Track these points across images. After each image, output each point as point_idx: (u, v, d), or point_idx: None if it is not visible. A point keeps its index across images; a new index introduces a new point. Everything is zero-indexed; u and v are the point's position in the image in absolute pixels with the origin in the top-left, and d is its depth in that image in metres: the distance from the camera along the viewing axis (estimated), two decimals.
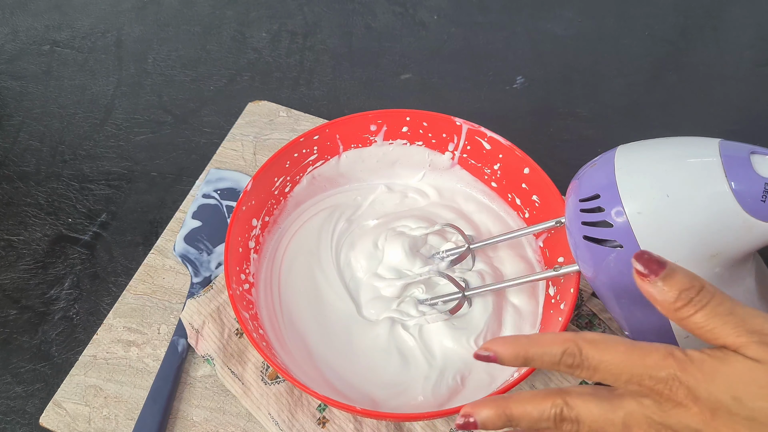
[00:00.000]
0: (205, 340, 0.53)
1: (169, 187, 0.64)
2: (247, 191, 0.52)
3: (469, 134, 0.56)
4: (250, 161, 0.65)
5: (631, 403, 0.32)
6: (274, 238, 0.57)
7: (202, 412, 0.51)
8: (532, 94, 0.72)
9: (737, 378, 0.30)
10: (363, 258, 0.55)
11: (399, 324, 0.52)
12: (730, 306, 0.32)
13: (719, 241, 0.38)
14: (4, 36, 0.77)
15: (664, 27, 0.77)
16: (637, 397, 0.32)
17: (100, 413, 0.51)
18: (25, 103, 0.71)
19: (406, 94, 0.72)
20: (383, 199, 0.60)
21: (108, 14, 0.79)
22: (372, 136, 0.58)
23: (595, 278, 0.43)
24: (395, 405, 0.48)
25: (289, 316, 0.53)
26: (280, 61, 0.75)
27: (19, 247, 0.60)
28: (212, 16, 0.79)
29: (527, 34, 0.77)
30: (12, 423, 0.52)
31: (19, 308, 0.57)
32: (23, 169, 0.66)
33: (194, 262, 0.58)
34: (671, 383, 0.31)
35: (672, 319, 0.33)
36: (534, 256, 0.56)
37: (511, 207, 0.57)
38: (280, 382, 0.51)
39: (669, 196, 0.38)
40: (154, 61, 0.74)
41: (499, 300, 0.52)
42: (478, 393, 0.48)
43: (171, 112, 0.70)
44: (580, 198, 0.42)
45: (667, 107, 0.71)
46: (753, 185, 0.37)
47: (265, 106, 0.69)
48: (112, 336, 0.55)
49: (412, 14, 0.79)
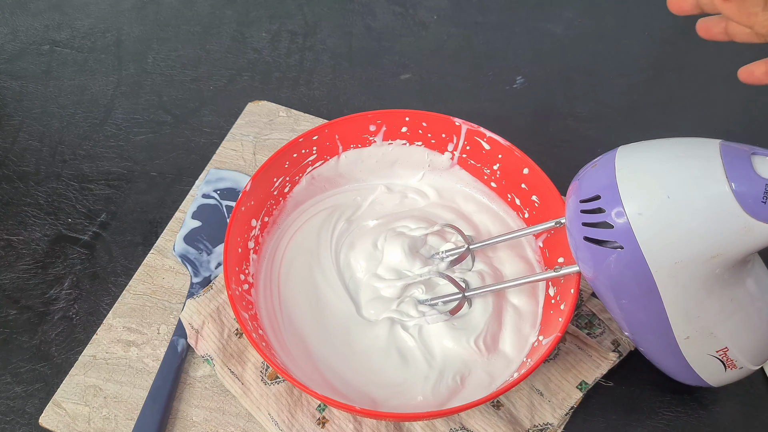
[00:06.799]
0: (205, 340, 0.53)
1: (168, 187, 0.64)
2: (246, 192, 0.52)
3: (468, 134, 0.56)
4: (250, 161, 0.65)
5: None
6: (273, 238, 0.57)
7: (201, 412, 0.51)
8: (532, 94, 0.72)
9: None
10: (363, 258, 0.55)
11: (399, 324, 0.52)
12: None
13: (720, 242, 0.38)
14: (4, 36, 0.77)
15: (664, 27, 0.77)
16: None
17: (100, 413, 0.51)
18: (25, 103, 0.71)
19: (405, 94, 0.72)
20: (383, 199, 0.60)
21: (108, 14, 0.79)
22: (371, 136, 0.58)
23: (596, 279, 0.43)
24: (395, 405, 0.48)
25: (288, 317, 0.53)
26: (280, 61, 0.74)
27: (19, 247, 0.60)
28: (212, 16, 0.79)
29: (527, 34, 0.77)
30: (12, 423, 0.52)
31: (19, 308, 0.57)
32: (23, 168, 0.66)
33: (194, 262, 0.58)
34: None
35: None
36: (534, 256, 0.56)
37: (511, 207, 0.57)
38: (279, 383, 0.51)
39: (670, 197, 0.38)
40: (153, 61, 0.74)
41: (499, 300, 0.52)
42: (477, 393, 0.48)
43: (171, 112, 0.70)
44: (581, 199, 0.42)
45: (667, 107, 0.71)
46: (753, 186, 0.36)
47: (265, 106, 0.69)
48: (112, 336, 0.55)
49: (412, 14, 0.79)
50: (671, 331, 0.43)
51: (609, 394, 0.52)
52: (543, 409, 0.50)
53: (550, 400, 0.51)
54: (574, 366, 0.52)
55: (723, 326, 0.42)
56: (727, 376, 0.46)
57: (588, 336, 0.53)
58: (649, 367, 0.50)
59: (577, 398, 0.51)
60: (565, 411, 0.50)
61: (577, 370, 0.52)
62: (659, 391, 0.52)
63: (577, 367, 0.52)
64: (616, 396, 0.52)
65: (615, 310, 0.45)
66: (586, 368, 0.52)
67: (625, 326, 0.46)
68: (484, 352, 0.50)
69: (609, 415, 0.51)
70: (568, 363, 0.52)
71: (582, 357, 0.52)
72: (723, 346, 0.43)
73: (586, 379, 0.51)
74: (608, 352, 0.52)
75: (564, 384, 0.51)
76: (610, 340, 0.54)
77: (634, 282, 0.41)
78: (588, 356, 0.52)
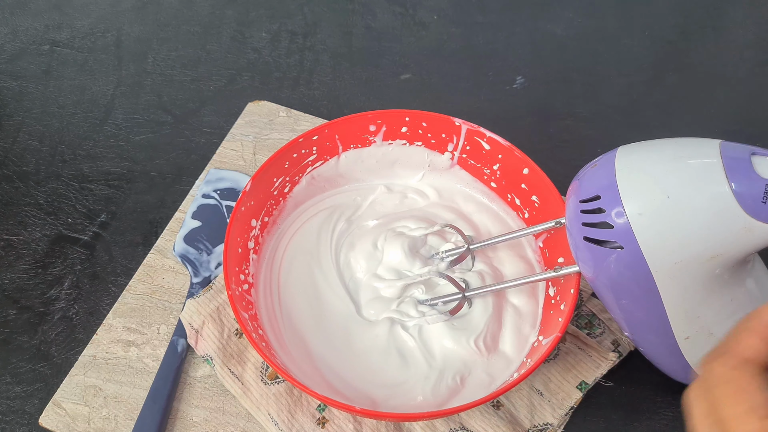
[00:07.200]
0: (205, 341, 0.53)
1: (168, 187, 0.64)
2: (246, 192, 0.52)
3: (468, 134, 0.56)
4: (250, 161, 0.65)
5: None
6: (273, 238, 0.57)
7: (201, 412, 0.51)
8: (532, 94, 0.72)
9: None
10: (362, 258, 0.55)
11: (398, 324, 0.52)
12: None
13: (720, 242, 0.38)
14: (4, 36, 0.77)
15: (664, 27, 0.77)
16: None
17: (100, 413, 0.51)
18: (25, 103, 0.71)
19: (405, 94, 0.72)
20: (383, 199, 0.60)
21: (108, 14, 0.79)
22: (371, 136, 0.58)
23: (596, 279, 0.43)
24: (395, 405, 0.48)
25: (288, 317, 0.53)
26: (280, 61, 0.74)
27: (19, 247, 0.60)
28: (212, 16, 0.79)
29: (527, 34, 0.77)
30: (12, 423, 0.52)
31: (19, 308, 0.57)
32: (23, 168, 0.66)
33: (194, 262, 0.58)
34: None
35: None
36: (534, 256, 0.56)
37: (511, 207, 0.57)
38: (279, 383, 0.51)
39: (670, 197, 0.38)
40: (153, 61, 0.74)
41: (499, 300, 0.52)
42: (477, 393, 0.48)
43: (171, 112, 0.70)
44: (581, 199, 0.42)
45: (667, 107, 0.71)
46: (753, 186, 0.37)
47: (265, 106, 0.69)
48: (112, 336, 0.55)
49: (412, 14, 0.79)
50: (671, 331, 0.43)
51: (609, 394, 0.52)
52: (543, 409, 0.50)
53: (550, 400, 0.51)
54: (574, 366, 0.52)
55: (723, 326, 0.42)
56: None
57: (588, 336, 0.53)
58: (649, 367, 0.50)
59: (577, 398, 0.51)
60: (565, 411, 0.50)
61: (577, 370, 0.52)
62: (659, 391, 0.52)
63: (577, 367, 0.52)
64: (616, 396, 0.52)
65: (615, 310, 0.45)
66: (586, 368, 0.52)
67: (625, 326, 0.46)
68: (484, 352, 0.50)
69: (609, 415, 0.51)
70: (568, 363, 0.52)
71: (582, 357, 0.52)
72: None
73: (586, 379, 0.51)
74: (608, 352, 0.52)
75: (564, 384, 0.51)
76: (610, 340, 0.54)
77: (634, 282, 0.41)
78: (588, 356, 0.52)
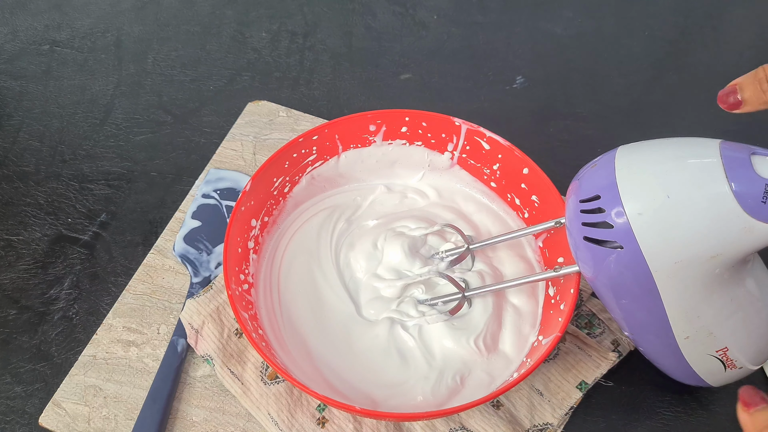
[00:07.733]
0: (205, 340, 0.53)
1: (168, 187, 0.64)
2: (246, 192, 0.52)
3: (468, 134, 0.56)
4: (250, 161, 0.65)
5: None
6: (273, 238, 0.57)
7: (201, 412, 0.51)
8: (531, 94, 0.72)
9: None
10: (362, 258, 0.55)
11: (398, 324, 0.52)
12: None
13: (720, 242, 0.38)
14: (4, 36, 0.77)
15: (664, 27, 0.77)
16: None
17: (100, 413, 0.51)
18: (25, 103, 0.71)
19: (405, 94, 0.72)
20: (382, 199, 0.60)
21: (108, 14, 0.79)
22: (371, 136, 0.58)
23: (595, 279, 0.43)
24: (395, 405, 0.48)
25: (288, 317, 0.53)
26: (279, 61, 0.74)
27: (19, 247, 0.60)
28: (212, 16, 0.79)
29: (527, 34, 0.77)
30: (11, 423, 0.52)
31: (19, 308, 0.57)
32: (23, 168, 0.66)
33: (194, 262, 0.58)
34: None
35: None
36: (534, 256, 0.56)
37: (511, 207, 0.57)
38: (279, 382, 0.51)
39: (670, 197, 0.38)
40: (153, 61, 0.74)
41: (499, 300, 0.52)
42: (477, 393, 0.48)
43: (171, 112, 0.70)
44: (581, 199, 0.42)
45: (667, 107, 0.71)
46: (753, 186, 0.36)
47: (265, 106, 0.69)
48: (112, 336, 0.55)
49: (412, 14, 0.79)
50: (671, 331, 0.43)
51: (609, 394, 0.52)
52: (543, 409, 0.50)
53: (549, 400, 0.51)
54: (573, 366, 0.52)
55: (723, 326, 0.42)
56: (726, 376, 0.46)
57: (588, 336, 0.53)
58: (649, 367, 0.50)
59: (577, 398, 0.51)
60: (565, 411, 0.50)
61: (577, 370, 0.52)
62: (659, 391, 0.52)
63: (577, 367, 0.52)
64: (616, 396, 0.52)
65: (615, 310, 0.45)
66: (585, 368, 0.52)
67: (625, 326, 0.46)
68: (484, 352, 0.50)
69: (609, 415, 0.51)
70: (568, 363, 0.52)
71: (582, 357, 0.52)
72: (723, 346, 0.43)
73: (585, 379, 0.51)
74: (608, 352, 0.52)
75: (564, 384, 0.51)
76: (610, 340, 0.54)
77: (634, 282, 0.41)
78: (588, 356, 0.52)
